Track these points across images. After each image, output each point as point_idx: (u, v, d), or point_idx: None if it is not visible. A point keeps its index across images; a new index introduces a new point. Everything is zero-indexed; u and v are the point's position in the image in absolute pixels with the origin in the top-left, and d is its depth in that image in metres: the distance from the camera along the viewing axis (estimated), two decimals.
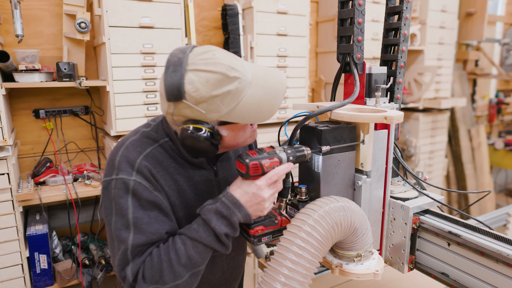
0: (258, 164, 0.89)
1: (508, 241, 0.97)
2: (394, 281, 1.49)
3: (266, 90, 0.90)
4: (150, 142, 0.98)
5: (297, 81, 2.56)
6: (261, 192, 0.89)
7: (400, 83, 1.24)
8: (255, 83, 0.89)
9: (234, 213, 0.89)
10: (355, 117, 1.00)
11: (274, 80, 0.92)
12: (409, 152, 3.42)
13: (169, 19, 2.02)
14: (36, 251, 1.94)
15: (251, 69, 0.90)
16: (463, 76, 4.06)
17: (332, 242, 0.93)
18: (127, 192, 0.90)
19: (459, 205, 4.14)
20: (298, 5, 2.46)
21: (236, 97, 0.86)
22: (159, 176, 0.95)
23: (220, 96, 0.85)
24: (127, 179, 0.90)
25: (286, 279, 0.87)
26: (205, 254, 0.91)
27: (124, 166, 0.92)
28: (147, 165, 0.93)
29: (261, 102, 0.89)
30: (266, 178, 0.90)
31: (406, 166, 1.23)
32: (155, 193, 0.92)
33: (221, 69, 0.85)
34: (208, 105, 0.86)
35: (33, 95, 2.18)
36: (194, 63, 0.85)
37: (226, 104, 0.86)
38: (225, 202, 0.90)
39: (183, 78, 0.84)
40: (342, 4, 1.17)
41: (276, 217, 1.01)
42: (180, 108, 0.87)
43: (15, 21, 1.79)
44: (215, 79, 0.84)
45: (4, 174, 1.78)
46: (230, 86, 0.85)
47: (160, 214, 0.93)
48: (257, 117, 0.91)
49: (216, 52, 0.88)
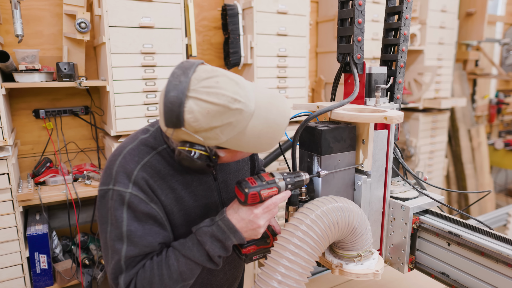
0: (257, 193, 0.91)
1: (508, 241, 0.97)
2: (394, 281, 1.49)
3: (268, 123, 0.86)
4: (147, 150, 0.98)
5: (297, 81, 2.56)
6: (257, 220, 0.92)
7: (400, 83, 1.24)
8: (257, 114, 0.85)
9: (229, 237, 0.92)
10: (355, 117, 1.00)
11: (277, 112, 0.88)
12: (409, 152, 3.42)
13: (169, 19, 2.02)
14: (36, 251, 1.94)
15: (255, 98, 0.86)
16: (463, 76, 4.06)
17: (329, 241, 0.94)
18: (123, 204, 0.91)
19: (459, 205, 4.14)
20: (298, 5, 2.46)
21: (236, 128, 0.84)
22: (156, 186, 0.95)
23: (220, 127, 0.83)
24: (123, 192, 0.91)
25: (283, 277, 0.88)
26: (196, 270, 0.94)
27: (121, 177, 0.92)
28: (144, 175, 0.94)
29: (261, 134, 0.87)
30: (263, 206, 0.92)
31: (406, 166, 1.23)
32: (151, 204, 0.93)
33: (223, 101, 0.81)
34: (207, 133, 0.84)
35: (33, 95, 2.18)
36: (196, 90, 0.82)
37: (225, 134, 0.84)
38: (221, 226, 0.92)
39: (183, 105, 0.81)
40: (342, 4, 1.17)
41: (269, 236, 1.05)
42: (179, 133, 0.86)
43: (15, 21, 1.79)
44: (216, 111, 0.81)
45: (4, 174, 1.78)
46: (231, 118, 0.83)
47: (154, 225, 0.94)
48: (256, 148, 0.89)
49: (220, 79, 0.84)
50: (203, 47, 2.65)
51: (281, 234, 0.95)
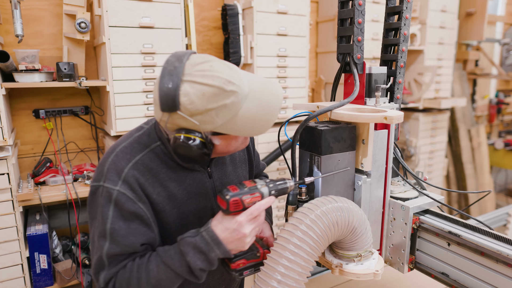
0: (239, 200, 0.88)
1: (508, 241, 0.97)
2: (394, 281, 1.49)
3: (262, 105, 0.88)
4: (140, 148, 0.98)
5: (297, 81, 2.56)
6: (241, 228, 0.89)
7: (400, 83, 1.24)
8: (251, 97, 0.87)
9: (213, 249, 0.90)
10: (355, 117, 1.00)
11: (270, 94, 0.90)
12: (409, 152, 3.42)
13: (169, 19, 2.02)
14: (36, 251, 1.94)
15: (248, 82, 0.88)
16: (463, 76, 4.06)
17: (328, 241, 0.94)
18: (110, 202, 0.91)
19: (459, 205, 4.14)
20: (298, 5, 2.46)
21: (231, 110, 0.85)
22: (147, 184, 0.95)
23: (216, 109, 0.84)
24: (112, 189, 0.92)
25: (283, 277, 0.88)
26: (176, 280, 0.93)
27: (111, 174, 0.93)
28: (135, 174, 0.94)
29: (256, 116, 0.88)
30: (247, 213, 0.89)
31: (406, 166, 1.23)
32: (139, 204, 0.93)
33: (218, 82, 0.83)
34: (203, 117, 0.84)
35: (33, 95, 2.18)
36: (191, 74, 0.83)
37: (221, 117, 0.85)
38: (205, 238, 0.90)
39: (178, 89, 0.82)
40: (342, 4, 1.17)
41: (258, 250, 1.02)
42: (174, 118, 0.86)
43: (15, 21, 1.79)
44: (211, 92, 0.82)
45: (4, 174, 1.78)
46: (226, 100, 0.84)
47: (140, 226, 0.94)
48: (251, 130, 0.90)
49: (213, 63, 0.86)
50: (203, 47, 2.65)
51: (280, 234, 0.95)
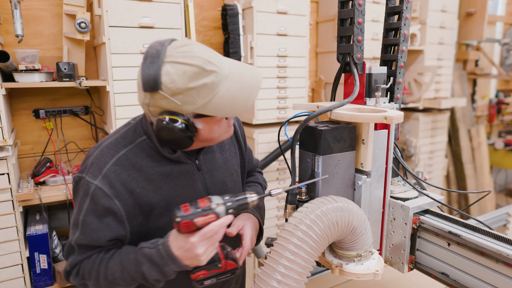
0: (190, 222, 0.87)
1: (508, 241, 0.97)
2: (394, 281, 1.49)
3: (241, 85, 0.91)
4: (125, 143, 1.00)
5: (297, 81, 2.56)
6: (194, 249, 0.88)
7: (400, 83, 1.24)
8: (231, 78, 0.90)
9: (168, 264, 0.91)
10: (355, 117, 1.00)
11: (250, 76, 0.93)
12: (409, 152, 3.42)
13: (169, 19, 2.02)
14: (36, 251, 1.94)
15: (228, 64, 0.92)
16: (463, 76, 4.06)
17: (328, 241, 0.94)
18: (87, 195, 0.95)
19: (459, 205, 4.14)
20: (298, 5, 2.46)
21: (212, 90, 0.87)
22: (130, 179, 0.97)
23: (196, 88, 0.86)
24: (91, 183, 0.94)
25: (283, 277, 0.88)
26: (131, 282, 0.95)
27: (93, 169, 0.96)
28: (117, 169, 0.96)
29: (236, 96, 0.90)
30: (200, 235, 0.88)
31: (406, 166, 1.23)
32: (115, 200, 0.95)
33: (198, 62, 0.86)
34: (184, 97, 0.87)
35: (33, 95, 2.18)
36: (172, 55, 0.87)
37: (201, 97, 0.87)
38: (161, 252, 0.91)
39: (160, 69, 0.85)
40: (342, 4, 1.17)
41: (221, 261, 0.99)
42: (156, 99, 0.88)
43: (15, 21, 1.79)
44: (191, 71, 0.86)
45: (4, 174, 1.78)
46: (206, 79, 0.87)
47: (112, 222, 0.96)
48: (232, 110, 0.92)
49: (194, 46, 0.89)
50: None
51: (280, 234, 0.95)
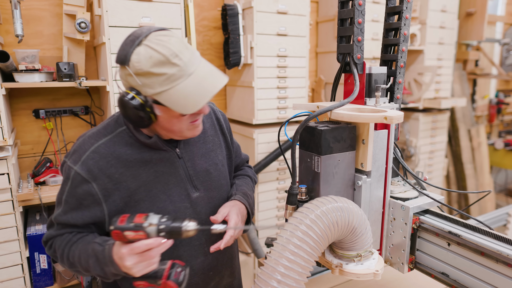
0: (120, 233, 0.91)
1: (508, 241, 0.97)
2: (394, 281, 1.49)
3: (198, 88, 0.94)
4: (105, 133, 1.07)
5: (297, 81, 2.56)
6: (123, 260, 0.92)
7: (400, 83, 1.24)
8: (193, 77, 0.94)
9: (108, 265, 0.96)
10: (355, 117, 1.00)
11: (211, 81, 0.96)
12: (409, 152, 3.42)
13: (169, 19, 2.02)
14: (36, 251, 1.94)
15: (198, 64, 0.96)
16: (463, 76, 4.06)
17: (328, 241, 0.94)
18: (68, 178, 1.03)
19: (459, 205, 4.14)
20: (298, 5, 2.46)
21: (171, 81, 0.92)
22: (109, 166, 1.03)
23: (156, 75, 0.92)
24: (71, 168, 1.03)
25: (283, 277, 0.88)
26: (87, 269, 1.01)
27: (75, 155, 1.04)
28: (95, 156, 1.03)
29: (189, 96, 0.94)
30: (129, 248, 0.91)
31: (406, 166, 1.23)
32: (92, 183, 1.02)
33: (166, 52, 0.91)
34: (145, 79, 0.93)
35: (33, 95, 2.18)
36: (149, 40, 0.93)
37: (159, 84, 0.92)
38: (105, 252, 0.96)
39: (134, 48, 0.92)
40: (342, 4, 1.17)
41: (162, 279, 0.97)
42: (124, 73, 0.95)
43: (15, 21, 1.79)
44: (157, 58, 0.91)
45: (4, 174, 1.78)
46: (168, 70, 0.91)
47: (91, 204, 1.03)
48: (183, 107, 0.95)
49: (172, 38, 0.94)
50: (203, 47, 2.65)
51: (280, 234, 0.95)
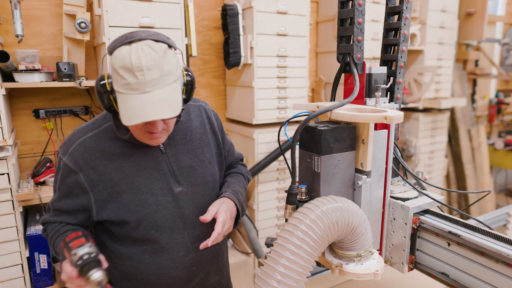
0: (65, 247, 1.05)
1: (508, 241, 0.97)
2: (394, 281, 1.49)
3: (141, 108, 0.96)
4: (92, 128, 1.15)
5: (297, 81, 2.56)
6: (62, 273, 1.04)
7: (400, 83, 1.24)
8: (145, 96, 0.96)
9: None
10: (355, 117, 1.00)
11: (154, 110, 0.97)
12: (409, 152, 3.42)
13: (169, 19, 2.02)
14: (36, 251, 1.94)
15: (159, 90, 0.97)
16: (463, 76, 4.06)
17: (328, 241, 0.94)
18: (60, 168, 1.14)
19: (459, 205, 4.14)
20: (298, 5, 2.46)
21: (126, 88, 0.97)
22: (93, 158, 1.11)
23: (119, 77, 0.97)
24: (61, 159, 1.13)
25: (282, 277, 0.88)
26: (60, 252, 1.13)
27: (64, 147, 1.14)
28: (81, 149, 1.11)
29: (130, 109, 0.97)
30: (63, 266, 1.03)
31: (406, 166, 1.23)
32: (79, 174, 1.11)
33: (135, 62, 0.94)
34: (113, 73, 0.99)
35: (33, 95, 2.18)
36: (137, 44, 0.97)
37: (119, 86, 0.98)
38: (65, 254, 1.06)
39: (121, 44, 0.98)
40: (342, 4, 1.17)
41: None
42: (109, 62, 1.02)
43: (15, 21, 1.79)
44: (126, 63, 0.95)
45: (4, 174, 1.78)
46: (128, 78, 0.95)
47: (79, 192, 1.12)
48: (122, 116, 0.98)
49: (153, 54, 0.96)
50: (203, 47, 2.65)
51: (280, 233, 0.95)
